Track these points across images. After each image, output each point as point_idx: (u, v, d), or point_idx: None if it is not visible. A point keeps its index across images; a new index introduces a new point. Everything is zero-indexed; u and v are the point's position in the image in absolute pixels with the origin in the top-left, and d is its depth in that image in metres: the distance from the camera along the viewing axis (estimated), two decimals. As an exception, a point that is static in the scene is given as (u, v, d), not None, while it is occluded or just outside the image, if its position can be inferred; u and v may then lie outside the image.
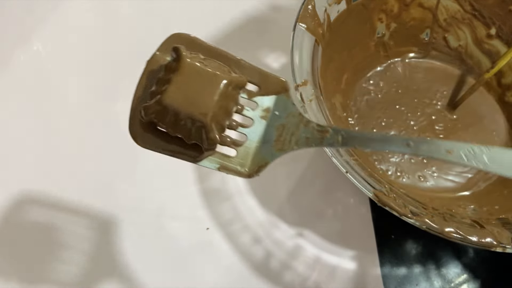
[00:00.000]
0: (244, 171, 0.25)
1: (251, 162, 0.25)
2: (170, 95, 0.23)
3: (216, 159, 0.25)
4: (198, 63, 0.23)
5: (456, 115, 0.42)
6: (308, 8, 0.36)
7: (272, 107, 0.25)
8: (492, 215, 0.33)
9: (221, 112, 0.23)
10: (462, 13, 0.42)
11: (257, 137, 0.25)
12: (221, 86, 0.23)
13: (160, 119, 0.24)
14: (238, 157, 0.25)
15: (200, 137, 0.23)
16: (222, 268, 0.37)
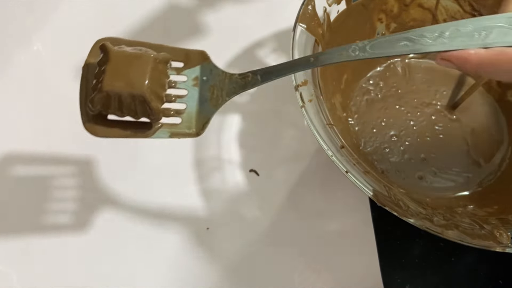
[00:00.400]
0: (192, 131, 0.29)
1: (195, 122, 0.29)
2: (107, 82, 0.26)
3: (166, 129, 0.29)
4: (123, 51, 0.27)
5: (456, 115, 0.42)
6: (308, 8, 0.36)
7: (199, 75, 0.29)
8: (491, 215, 0.33)
9: (155, 84, 0.27)
10: (462, 13, 0.42)
11: (195, 102, 0.29)
12: (149, 61, 0.27)
13: (106, 106, 0.27)
14: (184, 122, 0.29)
15: (145, 111, 0.27)
16: (222, 268, 0.37)
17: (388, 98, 0.43)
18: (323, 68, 0.36)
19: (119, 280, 0.36)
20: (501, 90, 0.43)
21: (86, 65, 0.29)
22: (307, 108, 0.32)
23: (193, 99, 0.29)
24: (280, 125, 0.43)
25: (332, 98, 0.38)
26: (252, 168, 0.41)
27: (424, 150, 0.40)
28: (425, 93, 0.43)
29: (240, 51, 0.47)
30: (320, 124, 0.32)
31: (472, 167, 0.40)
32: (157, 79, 0.27)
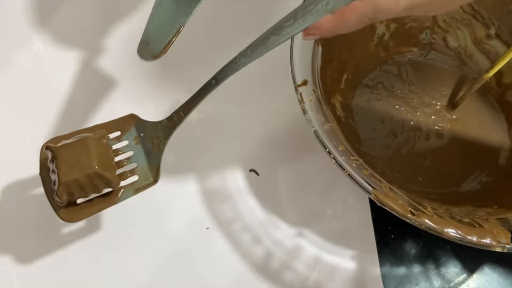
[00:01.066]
0: (150, 181, 0.33)
1: (150, 173, 0.33)
2: (62, 175, 0.30)
3: (129, 189, 0.33)
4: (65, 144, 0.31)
5: (455, 115, 0.42)
6: (308, 8, 0.36)
7: (136, 134, 0.34)
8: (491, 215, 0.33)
9: (102, 158, 0.31)
10: (462, 13, 0.42)
11: (143, 157, 0.34)
12: (89, 143, 0.31)
13: (71, 194, 0.31)
14: (141, 177, 0.33)
15: (104, 183, 0.31)
16: (222, 268, 0.37)
17: (388, 98, 0.43)
18: (323, 68, 0.36)
19: (119, 280, 0.36)
20: (500, 90, 0.43)
21: (41, 168, 0.33)
22: (307, 108, 0.32)
23: (140, 155, 0.34)
24: (280, 125, 0.43)
25: (332, 98, 0.39)
26: (252, 168, 0.41)
27: (424, 150, 0.40)
28: (425, 93, 0.43)
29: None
30: (320, 124, 0.32)
31: (472, 167, 0.40)
32: (102, 154, 0.31)
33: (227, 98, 0.45)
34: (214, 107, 0.44)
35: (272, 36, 0.30)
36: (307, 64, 0.35)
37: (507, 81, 0.42)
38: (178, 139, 0.42)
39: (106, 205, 0.33)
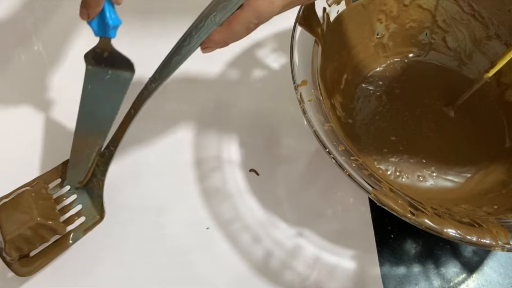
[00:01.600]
0: (97, 219, 0.36)
1: (95, 210, 0.36)
2: (6, 233, 0.32)
3: (78, 231, 0.35)
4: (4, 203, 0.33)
5: (455, 115, 0.42)
6: (308, 8, 0.36)
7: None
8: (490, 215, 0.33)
9: (44, 208, 0.33)
10: (461, 13, 0.42)
11: (86, 197, 0.37)
12: (29, 197, 0.33)
13: (20, 250, 0.32)
14: (88, 217, 0.36)
15: (50, 231, 0.33)
16: (222, 267, 0.37)
17: (388, 98, 0.43)
18: (323, 68, 0.37)
19: (119, 280, 0.36)
20: (500, 90, 0.43)
21: None
22: (307, 108, 0.32)
23: (84, 196, 0.37)
24: (280, 125, 0.43)
25: (332, 98, 0.39)
26: (252, 168, 0.41)
27: (423, 150, 0.40)
28: (424, 93, 0.43)
29: (240, 51, 0.47)
30: (320, 124, 0.32)
31: (472, 167, 0.40)
32: (43, 204, 0.33)
33: (226, 98, 0.45)
34: (214, 107, 0.44)
35: (175, 57, 0.32)
36: (307, 64, 0.35)
37: (506, 81, 0.43)
38: (178, 138, 0.42)
39: (59, 251, 0.35)
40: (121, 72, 0.37)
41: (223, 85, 0.45)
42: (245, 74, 0.46)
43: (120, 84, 0.37)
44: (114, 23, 0.35)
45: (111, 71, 0.37)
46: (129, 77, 0.37)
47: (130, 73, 0.37)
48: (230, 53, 0.47)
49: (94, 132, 0.37)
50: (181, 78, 0.45)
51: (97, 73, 0.37)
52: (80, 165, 0.37)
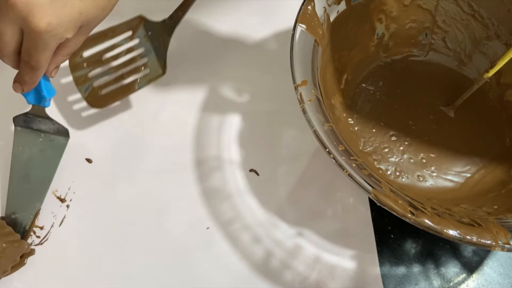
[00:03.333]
0: (159, 73, 0.40)
1: (159, 66, 0.40)
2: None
3: (143, 81, 0.40)
4: None
5: (455, 115, 0.42)
6: (308, 8, 0.36)
7: (145, 33, 0.40)
8: (490, 215, 0.33)
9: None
10: (461, 13, 0.42)
11: (152, 52, 0.40)
12: None
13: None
14: (152, 70, 0.40)
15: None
16: (222, 267, 0.37)
17: (388, 98, 0.43)
18: (323, 68, 0.37)
19: (119, 280, 0.36)
20: (500, 90, 0.43)
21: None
22: (307, 108, 0.32)
23: (150, 51, 0.40)
24: (280, 125, 0.43)
25: (332, 98, 0.39)
26: (252, 168, 0.41)
27: (423, 150, 0.40)
28: (424, 93, 0.43)
29: (240, 51, 0.47)
30: (320, 124, 0.32)
31: (472, 167, 0.40)
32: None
33: (226, 98, 0.45)
34: (214, 107, 0.44)
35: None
36: (307, 64, 0.35)
37: (506, 81, 0.43)
38: (178, 139, 0.42)
39: (125, 94, 0.40)
40: (56, 136, 0.38)
41: (223, 85, 0.45)
42: (245, 74, 0.46)
43: (55, 148, 0.38)
44: (49, 95, 0.36)
45: (44, 135, 0.38)
46: (64, 142, 0.38)
47: (65, 138, 0.38)
48: (230, 53, 0.47)
49: (28, 194, 0.37)
50: (181, 78, 0.45)
51: (29, 134, 0.37)
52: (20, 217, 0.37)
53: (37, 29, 0.28)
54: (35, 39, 0.29)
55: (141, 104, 0.44)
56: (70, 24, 0.29)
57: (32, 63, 0.31)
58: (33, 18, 0.28)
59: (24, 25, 0.28)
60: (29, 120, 0.37)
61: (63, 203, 0.39)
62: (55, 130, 0.38)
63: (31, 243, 0.37)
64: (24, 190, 0.37)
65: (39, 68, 0.31)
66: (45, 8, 0.28)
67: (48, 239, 0.37)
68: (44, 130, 0.38)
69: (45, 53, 0.30)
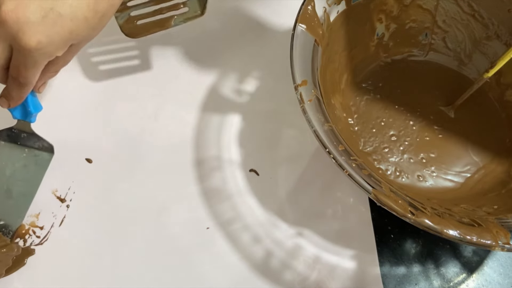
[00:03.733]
0: (198, 13, 0.41)
1: (198, 6, 0.41)
2: None
3: (180, 18, 0.41)
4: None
5: (455, 115, 0.42)
6: (308, 8, 0.36)
7: None
8: (490, 215, 0.33)
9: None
10: (461, 13, 0.42)
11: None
12: None
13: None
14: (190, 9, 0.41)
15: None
16: (222, 267, 0.37)
17: (388, 98, 0.43)
18: (323, 68, 0.37)
19: (119, 280, 0.36)
20: (500, 90, 0.43)
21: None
22: (307, 108, 0.32)
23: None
24: (280, 125, 0.43)
25: (332, 98, 0.39)
26: (252, 168, 0.41)
27: (423, 150, 0.40)
28: (424, 93, 0.43)
29: (240, 51, 0.47)
30: (320, 124, 0.32)
31: (472, 167, 0.40)
32: None
33: (226, 98, 0.45)
34: (214, 107, 0.44)
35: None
36: (307, 64, 0.35)
37: (506, 81, 0.43)
38: (178, 139, 0.42)
39: (161, 28, 0.40)
40: (40, 152, 0.37)
41: (223, 85, 0.45)
42: (245, 74, 0.46)
43: (38, 164, 0.37)
44: (36, 110, 0.36)
45: (28, 150, 0.37)
46: (48, 158, 0.38)
47: (50, 154, 0.38)
48: (230, 53, 0.47)
49: (9, 210, 0.37)
50: (181, 78, 0.45)
51: (12, 149, 0.37)
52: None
53: (27, 46, 0.28)
54: (25, 56, 0.29)
55: (141, 104, 0.44)
56: (60, 43, 0.29)
57: (20, 80, 0.31)
58: (23, 35, 0.27)
59: (14, 42, 0.28)
60: (14, 135, 0.37)
61: (63, 203, 0.39)
62: (39, 146, 0.37)
63: (31, 243, 0.37)
64: (5, 205, 0.37)
65: (27, 85, 0.31)
66: (36, 26, 0.28)
67: (48, 239, 0.37)
68: (29, 145, 0.37)
69: (34, 70, 0.30)
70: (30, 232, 0.37)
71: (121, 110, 0.43)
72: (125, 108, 0.43)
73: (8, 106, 0.33)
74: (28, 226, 0.37)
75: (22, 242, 0.37)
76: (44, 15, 0.28)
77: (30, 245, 0.36)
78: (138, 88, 0.44)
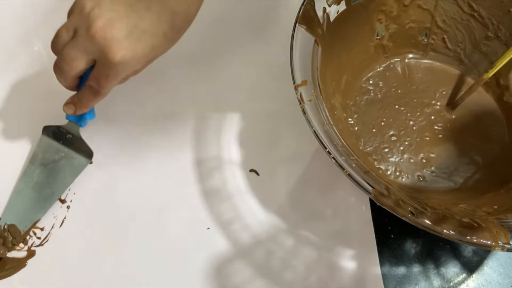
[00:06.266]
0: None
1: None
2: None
3: None
4: None
5: (455, 115, 0.42)
6: (308, 8, 0.36)
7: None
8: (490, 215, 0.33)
9: None
10: (461, 14, 0.42)
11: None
12: None
13: None
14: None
15: None
16: (222, 267, 0.37)
17: (388, 98, 0.43)
18: (323, 68, 0.37)
19: (119, 280, 0.36)
20: (500, 90, 0.43)
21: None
22: (307, 108, 0.32)
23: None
24: (280, 125, 0.43)
25: (332, 98, 0.39)
26: (252, 168, 0.41)
27: (423, 150, 0.40)
28: (424, 93, 0.43)
29: (240, 52, 0.47)
30: (320, 124, 0.32)
31: (472, 167, 0.40)
32: None
33: (227, 98, 0.45)
34: (214, 107, 0.44)
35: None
36: (307, 64, 0.35)
37: (506, 81, 0.43)
38: (178, 139, 0.42)
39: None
40: (78, 156, 0.38)
41: (223, 85, 0.45)
42: (245, 74, 0.46)
43: (73, 166, 0.38)
44: (91, 117, 0.38)
45: (68, 150, 0.38)
46: (84, 163, 0.39)
47: (87, 160, 0.38)
48: (230, 54, 0.47)
49: (33, 202, 0.37)
50: (181, 78, 0.45)
51: (52, 146, 0.38)
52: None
53: (113, 61, 0.30)
54: (109, 69, 0.31)
55: (141, 104, 0.44)
56: (142, 58, 0.31)
57: (98, 89, 0.32)
58: (109, 50, 0.30)
59: (100, 56, 0.30)
60: (59, 133, 0.38)
61: (63, 204, 0.39)
62: (79, 150, 0.38)
63: (32, 244, 0.37)
64: (29, 197, 0.37)
65: (102, 94, 0.33)
66: (121, 42, 0.30)
67: (49, 240, 0.37)
68: (70, 147, 0.38)
69: (114, 82, 0.32)
70: (30, 233, 0.37)
71: (121, 110, 0.43)
72: (125, 108, 0.43)
73: (73, 112, 0.35)
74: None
75: (23, 243, 0.37)
76: (129, 32, 0.30)
77: (30, 246, 0.36)
78: (138, 88, 0.44)
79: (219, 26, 0.48)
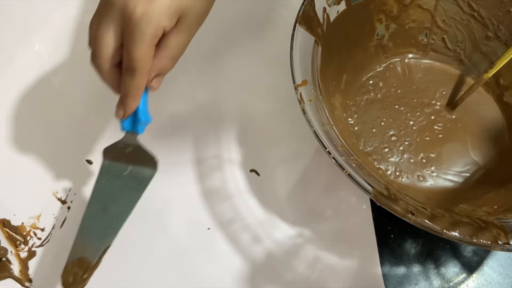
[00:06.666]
0: None
1: None
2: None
3: None
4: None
5: (455, 115, 0.42)
6: (308, 8, 0.36)
7: None
8: (490, 215, 0.33)
9: None
10: (461, 14, 0.42)
11: None
12: None
13: None
14: None
15: None
16: (222, 268, 0.37)
17: (388, 98, 0.43)
18: (323, 68, 0.37)
19: (119, 280, 0.36)
20: (500, 90, 0.43)
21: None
22: (307, 108, 0.32)
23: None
24: (280, 125, 0.43)
25: (332, 98, 0.39)
26: (252, 168, 0.41)
27: (423, 150, 0.40)
28: (424, 93, 0.43)
29: (240, 51, 0.47)
30: (320, 124, 0.32)
31: (472, 167, 0.40)
32: None
33: (227, 98, 0.45)
34: (214, 107, 0.44)
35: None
36: (307, 64, 0.35)
37: (506, 81, 0.43)
38: (178, 139, 0.42)
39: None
40: (142, 168, 0.35)
41: (223, 85, 0.45)
42: (245, 74, 0.46)
43: (139, 181, 0.35)
44: (146, 119, 0.34)
45: (131, 167, 0.35)
46: (150, 175, 0.35)
47: (152, 170, 0.35)
48: (230, 53, 0.47)
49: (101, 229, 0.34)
50: (181, 78, 0.45)
51: (114, 168, 0.35)
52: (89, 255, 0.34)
53: (133, 16, 0.29)
54: (133, 29, 0.29)
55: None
56: (163, 9, 0.30)
57: (131, 64, 0.30)
58: (128, 6, 0.29)
59: (122, 17, 0.29)
60: (118, 152, 0.35)
61: (64, 205, 0.39)
62: (143, 161, 0.35)
63: (32, 245, 0.37)
64: (99, 225, 0.35)
65: (138, 69, 0.31)
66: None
67: (49, 241, 0.37)
68: (132, 162, 0.35)
69: (143, 46, 0.30)
70: (31, 234, 0.37)
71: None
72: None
73: (122, 115, 0.33)
74: (29, 228, 0.37)
75: (23, 244, 0.37)
76: None
77: (31, 247, 0.36)
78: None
79: (219, 26, 0.48)
